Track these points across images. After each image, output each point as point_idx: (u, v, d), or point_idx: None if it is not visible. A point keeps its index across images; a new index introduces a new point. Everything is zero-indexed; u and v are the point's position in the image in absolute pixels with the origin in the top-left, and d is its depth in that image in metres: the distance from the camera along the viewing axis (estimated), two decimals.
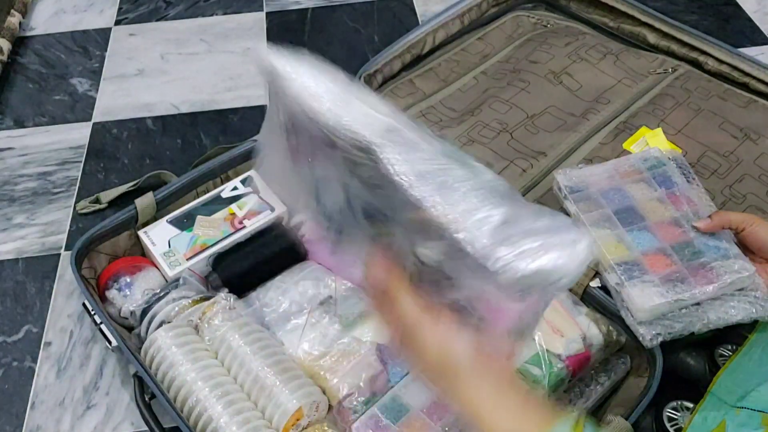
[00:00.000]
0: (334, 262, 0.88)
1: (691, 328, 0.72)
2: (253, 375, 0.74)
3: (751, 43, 1.28)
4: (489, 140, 0.97)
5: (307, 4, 1.40)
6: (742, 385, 0.70)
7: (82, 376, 0.88)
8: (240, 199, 0.92)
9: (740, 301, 0.72)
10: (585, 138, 0.97)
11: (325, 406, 0.75)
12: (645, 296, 0.72)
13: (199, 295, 0.83)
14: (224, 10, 1.40)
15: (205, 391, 0.73)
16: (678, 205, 0.80)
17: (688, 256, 0.76)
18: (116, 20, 1.38)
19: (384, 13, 1.38)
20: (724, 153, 0.94)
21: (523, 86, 1.04)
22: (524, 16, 1.21)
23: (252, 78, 1.25)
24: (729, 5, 1.36)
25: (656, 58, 1.09)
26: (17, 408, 0.86)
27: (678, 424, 0.73)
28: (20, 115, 1.20)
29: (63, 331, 0.92)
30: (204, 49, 1.31)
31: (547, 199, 0.90)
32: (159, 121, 1.19)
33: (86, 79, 1.26)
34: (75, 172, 1.11)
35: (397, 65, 1.09)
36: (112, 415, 0.85)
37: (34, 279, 0.98)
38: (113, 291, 0.85)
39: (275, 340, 0.79)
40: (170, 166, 1.10)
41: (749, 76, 1.03)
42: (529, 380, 0.71)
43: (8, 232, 1.03)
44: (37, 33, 1.36)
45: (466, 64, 1.13)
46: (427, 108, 1.05)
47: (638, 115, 0.99)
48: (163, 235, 0.88)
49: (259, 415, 0.73)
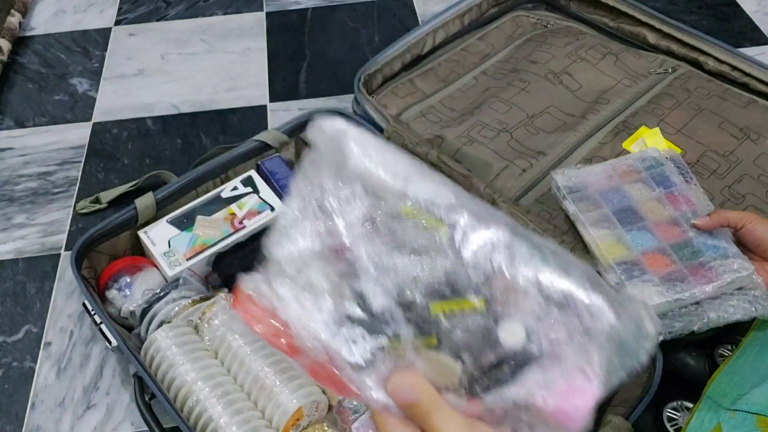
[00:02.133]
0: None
1: (690, 327, 0.72)
2: (253, 375, 0.74)
3: (751, 43, 1.28)
4: (489, 140, 0.97)
5: (307, 4, 1.40)
6: (736, 387, 0.70)
7: (82, 376, 0.88)
8: (240, 199, 0.92)
9: (739, 300, 0.72)
10: (585, 138, 0.97)
11: (325, 406, 0.75)
12: (645, 296, 0.72)
13: (199, 295, 0.83)
14: (224, 10, 1.40)
15: (205, 391, 0.73)
16: (676, 205, 0.81)
17: (687, 256, 0.76)
18: (116, 20, 1.38)
19: (384, 13, 1.38)
20: (723, 153, 0.94)
21: (523, 86, 1.04)
22: (524, 16, 1.21)
23: (252, 78, 1.26)
24: (729, 5, 1.36)
25: (656, 58, 1.09)
26: (17, 408, 0.86)
27: (678, 424, 0.73)
28: (20, 115, 1.20)
29: (63, 331, 0.92)
30: (204, 49, 1.31)
31: (547, 198, 0.90)
32: (159, 121, 1.19)
33: (86, 79, 1.27)
34: (75, 172, 1.11)
35: (397, 65, 1.10)
36: (112, 415, 0.85)
37: (34, 279, 0.98)
38: (113, 291, 0.85)
39: None
40: (170, 166, 1.10)
41: (749, 76, 1.03)
42: None
43: (8, 232, 1.03)
44: (37, 33, 1.36)
45: (466, 64, 1.13)
46: (427, 108, 1.05)
47: (638, 114, 0.99)
48: (163, 235, 0.88)
49: (259, 415, 0.73)
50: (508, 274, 0.44)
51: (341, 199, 0.48)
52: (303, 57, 1.29)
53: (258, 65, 1.28)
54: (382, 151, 0.48)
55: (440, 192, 0.46)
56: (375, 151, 0.48)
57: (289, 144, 1.00)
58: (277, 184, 0.94)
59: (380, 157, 0.47)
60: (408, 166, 0.48)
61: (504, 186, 0.92)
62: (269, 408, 0.73)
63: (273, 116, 1.19)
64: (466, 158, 0.95)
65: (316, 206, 0.49)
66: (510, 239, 0.45)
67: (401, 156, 0.49)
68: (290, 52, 1.31)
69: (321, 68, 1.27)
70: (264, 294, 0.49)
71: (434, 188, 0.47)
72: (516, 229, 0.47)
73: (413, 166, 0.48)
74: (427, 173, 0.47)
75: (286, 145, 1.00)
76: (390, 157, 0.48)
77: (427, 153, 0.92)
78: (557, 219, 0.88)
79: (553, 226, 0.85)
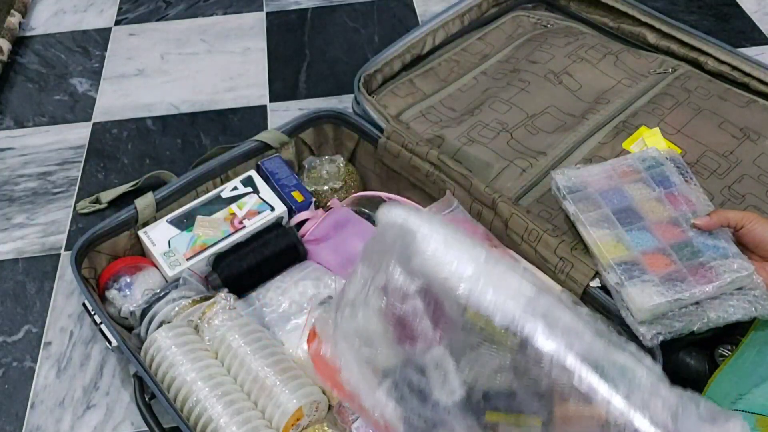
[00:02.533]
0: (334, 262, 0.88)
1: (691, 327, 0.72)
2: (253, 375, 0.74)
3: (751, 43, 1.28)
4: (489, 140, 0.97)
5: (307, 4, 1.40)
6: (736, 387, 0.70)
7: (82, 376, 0.88)
8: (240, 199, 0.92)
9: (739, 299, 0.72)
10: (584, 138, 0.97)
11: (325, 406, 0.75)
12: (645, 296, 0.72)
13: (199, 295, 0.83)
14: (224, 10, 1.40)
15: (205, 391, 0.73)
16: (676, 205, 0.81)
17: (687, 256, 0.76)
18: (116, 20, 1.38)
19: (384, 13, 1.38)
20: (723, 153, 0.94)
21: (523, 86, 1.04)
22: (524, 16, 1.21)
23: (252, 78, 1.26)
24: (729, 5, 1.36)
25: (656, 58, 1.09)
26: (17, 408, 0.86)
27: None
28: (20, 115, 1.20)
29: (63, 331, 0.92)
30: (204, 49, 1.31)
31: (547, 198, 0.90)
32: (159, 121, 1.19)
33: (86, 79, 1.27)
34: (75, 172, 1.11)
35: (397, 65, 1.09)
36: (112, 415, 0.85)
37: (34, 279, 0.98)
38: (113, 291, 0.85)
39: (275, 340, 0.79)
40: (170, 166, 1.10)
41: (749, 76, 1.03)
42: None
43: (8, 232, 1.03)
44: (37, 33, 1.36)
45: (466, 64, 1.13)
46: (427, 108, 1.05)
47: (638, 114, 0.99)
48: (163, 235, 0.88)
49: (259, 415, 0.73)
50: (572, 403, 0.41)
51: (406, 293, 0.48)
52: (303, 57, 1.30)
53: (258, 65, 1.28)
54: (451, 248, 0.47)
55: (509, 299, 0.45)
56: (443, 250, 0.47)
57: (289, 144, 1.00)
58: (277, 184, 0.94)
59: (448, 256, 0.46)
60: (479, 265, 0.46)
61: (504, 186, 0.92)
62: (269, 408, 0.73)
63: (273, 116, 1.19)
64: (466, 158, 0.95)
65: (381, 292, 0.49)
66: (581, 358, 0.43)
67: (473, 250, 0.47)
68: (290, 52, 1.31)
69: (321, 68, 1.27)
70: (330, 352, 0.50)
71: (503, 295, 0.45)
72: (592, 344, 0.44)
73: (487, 263, 0.46)
74: (500, 273, 0.45)
75: (286, 145, 1.00)
76: (459, 254, 0.46)
77: (427, 153, 0.92)
78: (557, 219, 0.88)
79: (553, 226, 0.85)
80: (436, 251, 0.47)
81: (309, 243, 0.90)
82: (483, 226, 0.88)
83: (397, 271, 0.48)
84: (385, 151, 0.97)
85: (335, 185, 0.98)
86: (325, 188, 0.98)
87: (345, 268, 0.85)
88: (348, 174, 1.00)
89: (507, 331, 0.44)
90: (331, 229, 0.90)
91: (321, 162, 1.00)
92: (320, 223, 0.91)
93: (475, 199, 0.89)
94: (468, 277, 0.46)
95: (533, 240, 0.83)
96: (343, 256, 0.88)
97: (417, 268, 0.48)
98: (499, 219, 0.87)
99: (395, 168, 0.97)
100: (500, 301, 0.45)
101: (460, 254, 0.48)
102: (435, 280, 0.47)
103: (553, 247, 0.82)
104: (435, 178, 0.92)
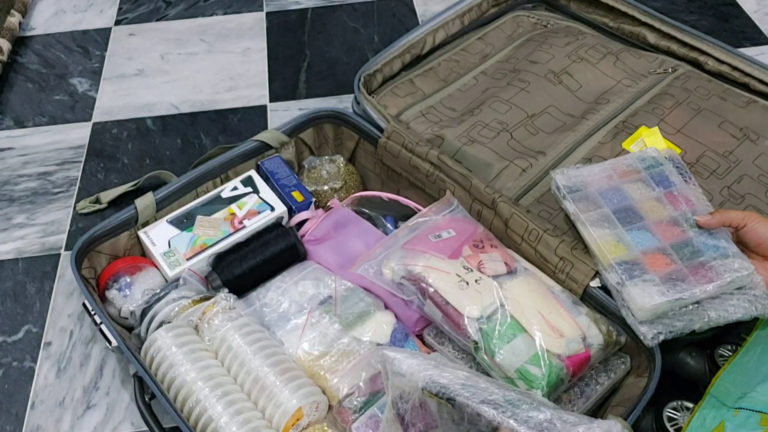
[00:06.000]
0: (334, 262, 0.88)
1: (691, 327, 0.72)
2: (253, 375, 0.74)
3: (751, 43, 1.28)
4: (489, 140, 0.97)
5: (307, 4, 1.40)
6: (740, 386, 0.70)
7: (82, 376, 0.88)
8: (240, 199, 0.92)
9: (740, 299, 0.72)
10: (584, 137, 0.97)
11: (325, 406, 0.75)
12: (646, 295, 0.72)
13: (199, 295, 0.83)
14: (224, 10, 1.40)
15: (205, 392, 0.73)
16: (676, 205, 0.81)
17: (687, 255, 0.76)
18: (116, 20, 1.38)
19: (384, 13, 1.38)
20: (723, 153, 0.94)
21: (522, 86, 1.04)
22: (524, 16, 1.21)
23: (252, 78, 1.26)
24: (729, 5, 1.36)
25: (656, 58, 1.08)
26: (17, 408, 0.86)
27: (678, 424, 0.73)
28: (20, 115, 1.20)
29: (63, 331, 0.92)
30: (204, 49, 1.31)
31: (547, 198, 0.90)
32: (159, 121, 1.19)
33: (86, 79, 1.27)
34: (75, 172, 1.11)
35: (397, 65, 1.09)
36: (112, 415, 0.85)
37: (34, 279, 0.98)
38: (113, 291, 0.85)
39: (275, 340, 0.79)
40: (170, 166, 1.10)
41: (749, 76, 1.03)
42: (528, 381, 0.71)
43: (8, 232, 1.03)
44: (37, 33, 1.36)
45: (466, 64, 1.13)
46: (427, 108, 1.05)
47: (638, 114, 0.99)
48: (163, 235, 0.88)
49: (259, 415, 0.73)
50: None
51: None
52: (303, 57, 1.30)
53: (258, 65, 1.28)
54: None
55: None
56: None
57: (289, 144, 1.00)
58: (277, 184, 0.94)
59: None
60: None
61: (504, 186, 0.92)
62: (269, 408, 0.73)
63: (273, 116, 1.19)
64: (466, 158, 0.95)
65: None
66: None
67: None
68: (290, 52, 1.31)
69: (321, 68, 1.27)
70: None
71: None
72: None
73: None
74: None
75: (286, 145, 1.00)
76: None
77: (427, 153, 0.92)
78: (557, 219, 0.88)
79: (554, 226, 0.85)
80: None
81: (309, 243, 0.90)
82: (483, 226, 0.88)
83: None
84: (385, 151, 0.97)
85: (335, 185, 0.98)
86: (325, 188, 0.98)
87: (345, 268, 0.86)
88: (348, 174, 1.00)
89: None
90: (331, 229, 0.90)
91: (321, 162, 1.00)
92: (320, 223, 0.91)
93: (475, 199, 0.89)
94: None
95: (533, 240, 0.83)
96: (343, 256, 0.88)
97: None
98: (499, 219, 0.87)
99: (395, 168, 0.97)
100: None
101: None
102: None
103: (553, 246, 0.82)
104: (435, 178, 0.92)
